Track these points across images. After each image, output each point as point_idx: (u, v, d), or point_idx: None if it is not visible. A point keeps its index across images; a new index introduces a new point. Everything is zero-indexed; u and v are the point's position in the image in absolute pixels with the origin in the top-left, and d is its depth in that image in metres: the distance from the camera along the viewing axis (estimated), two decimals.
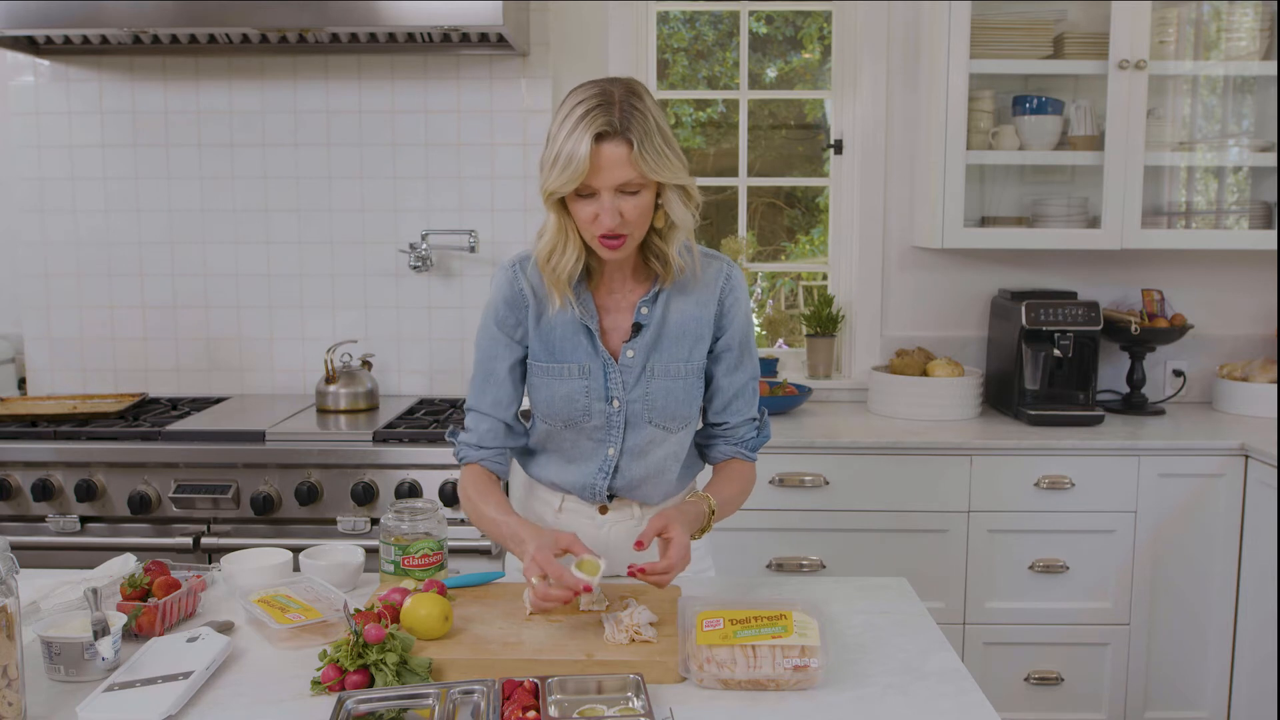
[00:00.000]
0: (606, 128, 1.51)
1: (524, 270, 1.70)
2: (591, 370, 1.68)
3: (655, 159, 1.53)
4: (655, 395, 1.69)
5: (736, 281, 1.73)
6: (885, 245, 3.21)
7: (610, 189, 1.53)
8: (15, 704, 1.25)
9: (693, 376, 1.71)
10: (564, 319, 1.68)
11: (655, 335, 1.69)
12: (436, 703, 1.27)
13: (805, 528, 2.72)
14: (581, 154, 1.50)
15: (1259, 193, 3.09)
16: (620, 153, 1.52)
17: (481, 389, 1.74)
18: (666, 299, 1.69)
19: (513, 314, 1.70)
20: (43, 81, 3.13)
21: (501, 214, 3.15)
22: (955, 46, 2.87)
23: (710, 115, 3.77)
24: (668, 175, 1.55)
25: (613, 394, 1.69)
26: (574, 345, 1.68)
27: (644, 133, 1.52)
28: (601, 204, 1.54)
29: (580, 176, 1.51)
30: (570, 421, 1.71)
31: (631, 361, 1.69)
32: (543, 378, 1.71)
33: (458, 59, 3.11)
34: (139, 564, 1.73)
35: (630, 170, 1.53)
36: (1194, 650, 2.75)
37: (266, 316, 3.22)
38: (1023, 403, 2.95)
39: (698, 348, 1.71)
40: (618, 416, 1.70)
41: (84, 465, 2.61)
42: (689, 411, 1.73)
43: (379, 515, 2.44)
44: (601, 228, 1.55)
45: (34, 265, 3.20)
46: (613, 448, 1.72)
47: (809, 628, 1.41)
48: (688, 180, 1.59)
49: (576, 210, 1.57)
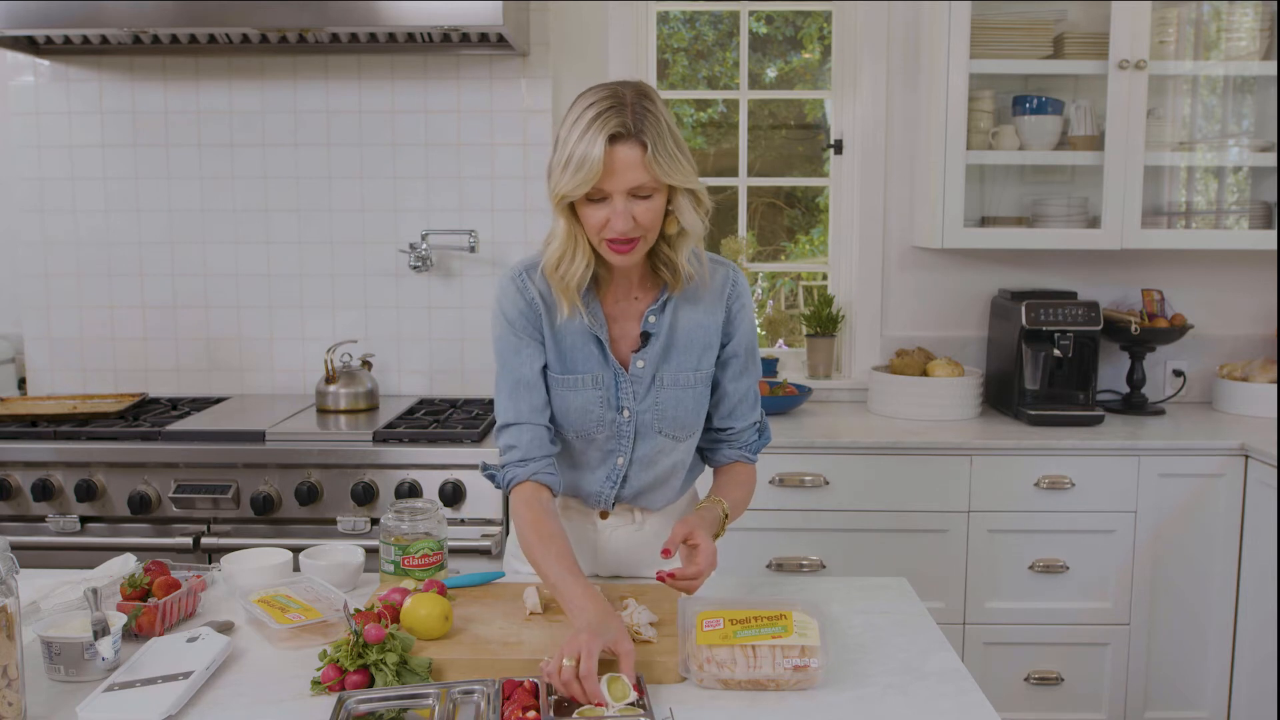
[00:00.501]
0: (620, 129, 1.48)
1: (531, 278, 1.66)
2: (604, 380, 1.66)
3: (668, 162, 1.51)
4: (665, 405, 1.68)
5: (742, 288, 1.71)
6: (885, 245, 3.21)
7: (623, 192, 1.51)
8: (15, 704, 1.25)
9: (701, 385, 1.70)
10: (573, 329, 1.65)
11: (665, 345, 1.67)
12: (437, 703, 1.27)
13: (805, 528, 2.72)
14: (595, 156, 1.47)
15: (1259, 193, 3.09)
16: (634, 155, 1.49)
17: (514, 398, 1.66)
18: (674, 307, 1.67)
19: (529, 320, 1.66)
20: (43, 81, 3.13)
21: (501, 214, 3.15)
22: (955, 46, 2.87)
23: (710, 115, 3.77)
24: (680, 179, 1.53)
25: (623, 404, 1.67)
26: (585, 355, 1.66)
27: (657, 135, 1.50)
28: (614, 208, 1.51)
29: (593, 179, 1.48)
30: (583, 432, 1.69)
31: (641, 372, 1.67)
32: (557, 389, 1.67)
33: (458, 59, 3.11)
34: (139, 564, 1.73)
35: (644, 173, 1.50)
36: (1194, 650, 2.75)
37: (266, 316, 3.22)
38: (1023, 403, 2.95)
39: (706, 355, 1.69)
40: (628, 427, 1.68)
41: (84, 465, 2.61)
42: (697, 420, 1.72)
43: (379, 515, 2.44)
44: (613, 232, 1.52)
45: (34, 265, 3.20)
46: (622, 457, 1.71)
47: (809, 628, 1.41)
48: (698, 185, 1.57)
49: (587, 215, 1.54)
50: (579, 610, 1.44)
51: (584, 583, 1.50)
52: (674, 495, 1.80)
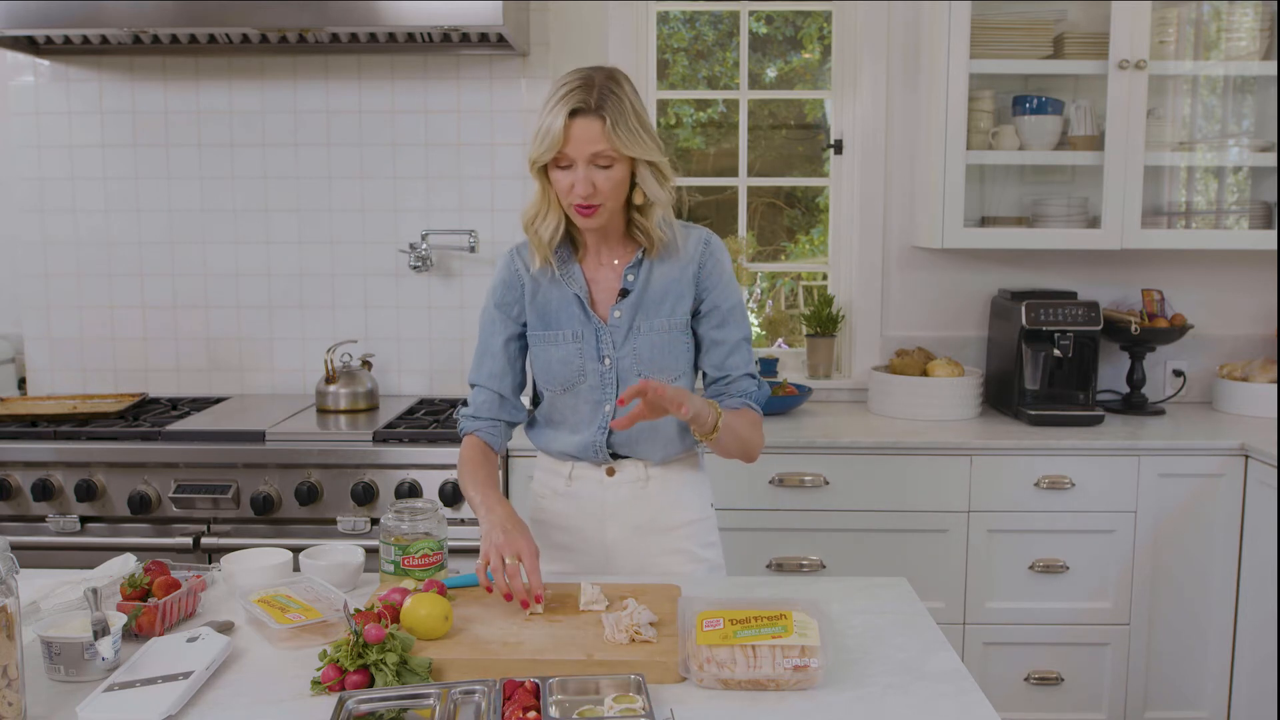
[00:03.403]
0: (581, 104, 1.67)
1: (521, 254, 1.87)
2: (584, 334, 1.83)
3: (627, 135, 1.68)
4: (642, 349, 1.82)
5: (715, 247, 1.87)
6: (885, 245, 3.21)
7: (584, 160, 1.69)
8: (15, 704, 1.25)
9: (676, 331, 1.84)
10: (557, 292, 1.84)
11: (639, 297, 1.82)
12: (437, 703, 1.27)
13: (805, 528, 2.72)
14: (558, 127, 1.67)
15: (1259, 193, 3.09)
16: (593, 127, 1.67)
17: (479, 362, 1.91)
18: (650, 266, 1.83)
19: (509, 293, 1.87)
20: (43, 81, 3.13)
21: (501, 214, 3.15)
22: (955, 46, 2.87)
23: (710, 115, 3.77)
24: (639, 151, 1.70)
25: (604, 353, 1.83)
26: (567, 315, 1.83)
27: (618, 112, 1.68)
28: (576, 174, 1.69)
29: (556, 147, 1.68)
30: (568, 385, 1.84)
31: (619, 321, 1.82)
32: (540, 346, 1.86)
33: (458, 59, 3.11)
34: (139, 564, 1.73)
35: (602, 143, 1.68)
36: (1194, 650, 2.75)
37: (266, 316, 3.22)
38: (1023, 403, 2.95)
39: (680, 305, 1.83)
40: (610, 374, 1.83)
41: (84, 465, 2.61)
42: (675, 364, 1.84)
43: (379, 515, 2.45)
44: (575, 197, 1.71)
45: (34, 265, 3.20)
46: (609, 404, 1.84)
47: (809, 628, 1.41)
48: (659, 158, 1.74)
49: (556, 180, 1.73)
50: (490, 508, 1.71)
51: (497, 494, 1.77)
52: (673, 448, 1.88)
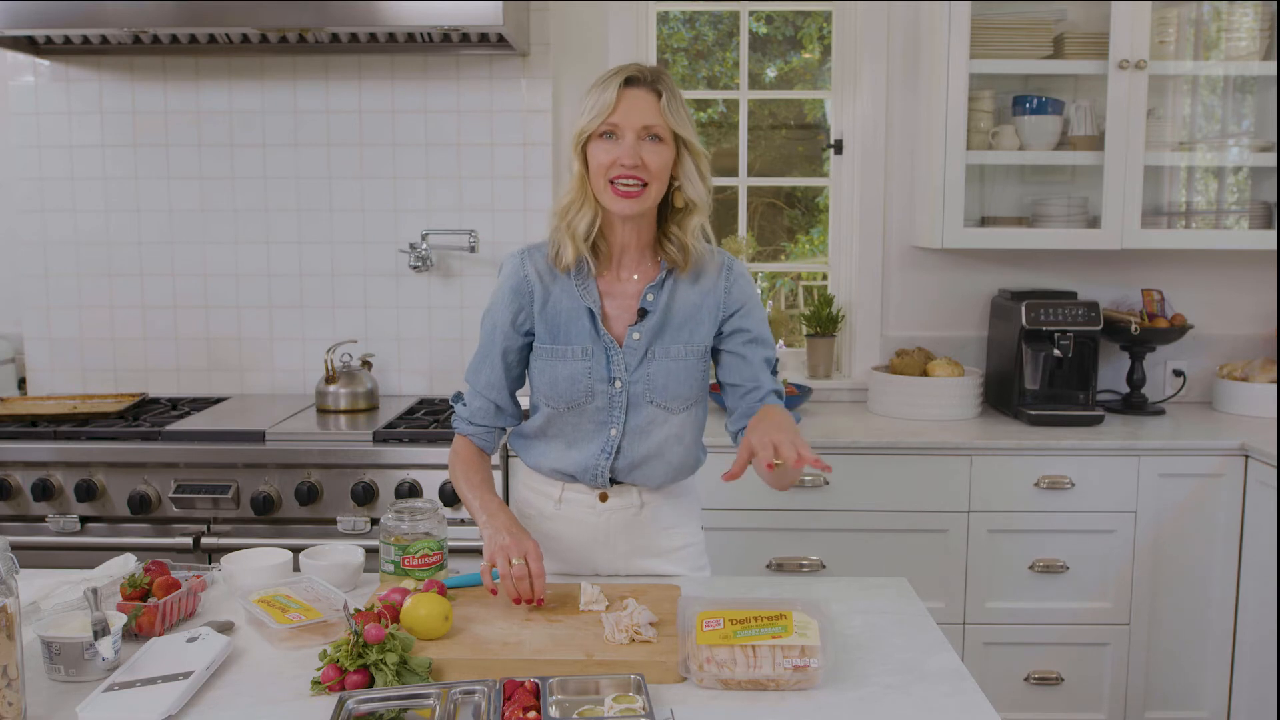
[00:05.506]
0: (636, 75, 1.67)
1: (531, 258, 1.79)
2: (594, 352, 1.74)
3: (678, 113, 1.67)
4: (656, 375, 1.75)
5: (739, 270, 1.81)
6: (885, 245, 3.21)
7: (634, 130, 1.64)
8: (15, 704, 1.25)
9: (694, 358, 1.77)
10: (568, 303, 1.75)
11: (661, 321, 1.75)
12: (437, 703, 1.27)
13: (805, 528, 2.72)
14: (610, 95, 1.64)
15: (1259, 193, 3.09)
16: (648, 99, 1.66)
17: (478, 368, 1.83)
18: (673, 287, 1.76)
19: (517, 300, 1.77)
20: (43, 81, 3.13)
21: (501, 214, 3.15)
22: (955, 46, 2.87)
23: (710, 115, 3.77)
24: (687, 131, 1.68)
25: (615, 375, 1.75)
26: (577, 329, 1.75)
27: (671, 92, 1.67)
28: (624, 144, 1.64)
29: (605, 114, 1.64)
30: (573, 403, 1.76)
31: (636, 344, 1.74)
32: (546, 360, 1.77)
33: (458, 59, 3.11)
34: (139, 564, 1.73)
35: (655, 115, 1.65)
36: (1194, 650, 2.75)
37: (266, 316, 3.22)
38: (1023, 403, 2.95)
39: (700, 330, 1.77)
40: (619, 397, 1.75)
41: (84, 465, 2.61)
42: (689, 392, 1.78)
43: (379, 515, 2.44)
44: (620, 169, 1.64)
45: (34, 265, 3.20)
46: (615, 428, 1.76)
47: (809, 628, 1.41)
48: (702, 151, 1.71)
49: (596, 154, 1.66)
50: (492, 514, 1.68)
51: (495, 497, 1.74)
52: (671, 473, 1.82)
